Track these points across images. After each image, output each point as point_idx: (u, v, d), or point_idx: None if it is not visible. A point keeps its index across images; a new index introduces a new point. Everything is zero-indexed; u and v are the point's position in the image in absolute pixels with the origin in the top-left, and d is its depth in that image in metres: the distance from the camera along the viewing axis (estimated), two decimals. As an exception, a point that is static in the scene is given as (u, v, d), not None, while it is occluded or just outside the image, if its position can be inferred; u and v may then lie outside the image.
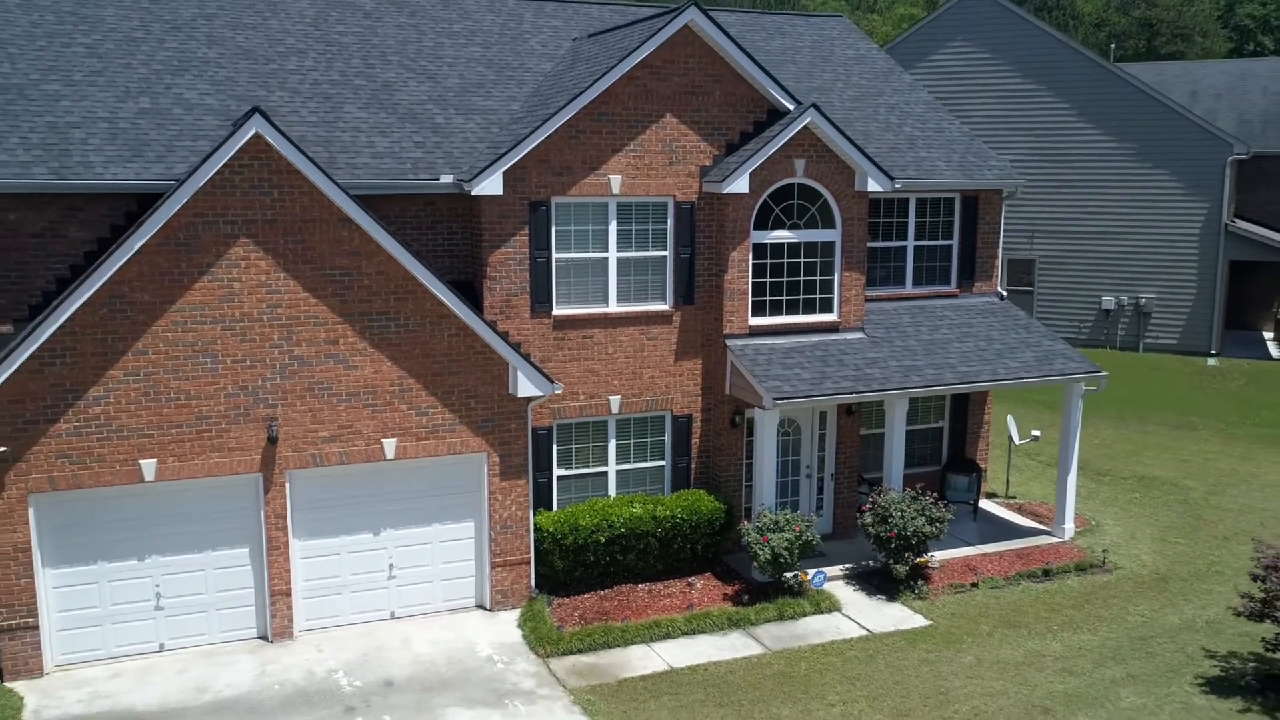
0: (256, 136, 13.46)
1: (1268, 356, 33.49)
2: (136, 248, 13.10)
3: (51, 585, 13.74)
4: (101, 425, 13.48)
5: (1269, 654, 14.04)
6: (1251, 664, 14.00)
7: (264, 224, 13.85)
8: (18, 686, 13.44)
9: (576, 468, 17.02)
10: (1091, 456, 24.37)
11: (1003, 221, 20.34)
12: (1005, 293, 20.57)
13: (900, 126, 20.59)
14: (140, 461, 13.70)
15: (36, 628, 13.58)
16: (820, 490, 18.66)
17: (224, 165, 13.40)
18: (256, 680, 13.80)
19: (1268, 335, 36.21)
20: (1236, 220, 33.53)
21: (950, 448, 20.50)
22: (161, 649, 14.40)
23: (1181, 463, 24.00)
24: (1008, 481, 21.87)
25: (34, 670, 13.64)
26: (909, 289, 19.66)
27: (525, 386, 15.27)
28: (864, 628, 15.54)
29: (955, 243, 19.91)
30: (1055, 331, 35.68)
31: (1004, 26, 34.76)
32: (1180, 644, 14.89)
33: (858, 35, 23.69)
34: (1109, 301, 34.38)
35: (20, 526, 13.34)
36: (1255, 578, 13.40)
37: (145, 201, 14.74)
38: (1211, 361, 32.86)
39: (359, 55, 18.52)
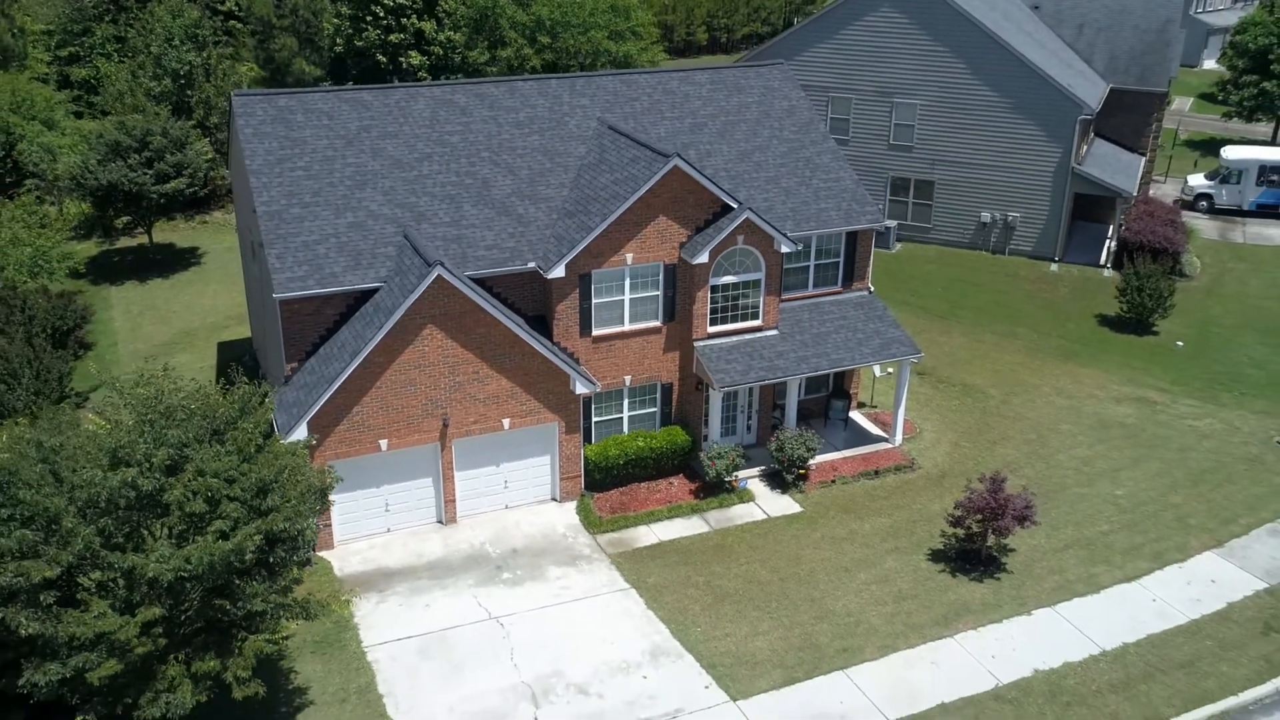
0: (439, 278, 24.67)
1: (1097, 263, 45.23)
2: (378, 340, 24.62)
3: (336, 503, 26.14)
4: (360, 425, 25.46)
5: (963, 542, 26.77)
6: (957, 544, 26.82)
7: (440, 315, 25.28)
8: (323, 555, 26.11)
9: (605, 416, 29.19)
10: (939, 364, 36.59)
11: (873, 243, 31.62)
12: (872, 288, 32.09)
13: (811, 179, 31.43)
14: (379, 441, 25.79)
15: (330, 525, 26.12)
16: (750, 418, 30.99)
17: (424, 293, 24.68)
18: (444, 549, 26.49)
19: (1110, 230, 47.63)
20: (1082, 163, 44.38)
21: (834, 381, 32.69)
22: (389, 530, 27.02)
23: (995, 372, 36.30)
24: (872, 393, 34.24)
25: (329, 545, 26.29)
26: (810, 290, 31.19)
27: (579, 387, 27.20)
28: (766, 513, 28.28)
29: (841, 259, 31.29)
30: (947, 236, 46.99)
31: (918, -2, 44.18)
32: (931, 527, 27.69)
33: (791, 85, 33.87)
34: (986, 216, 45.68)
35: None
36: (956, 505, 26.01)
37: (367, 292, 26.03)
38: (1053, 268, 44.65)
39: (464, 154, 29.07)
